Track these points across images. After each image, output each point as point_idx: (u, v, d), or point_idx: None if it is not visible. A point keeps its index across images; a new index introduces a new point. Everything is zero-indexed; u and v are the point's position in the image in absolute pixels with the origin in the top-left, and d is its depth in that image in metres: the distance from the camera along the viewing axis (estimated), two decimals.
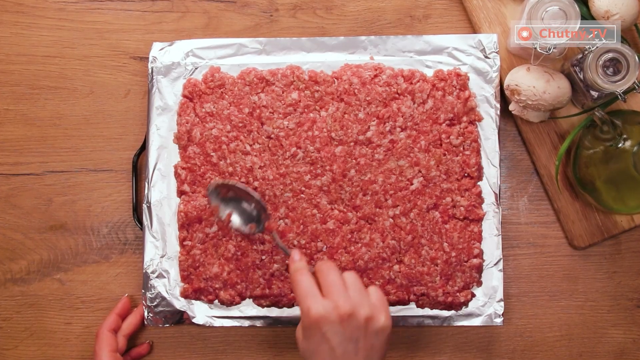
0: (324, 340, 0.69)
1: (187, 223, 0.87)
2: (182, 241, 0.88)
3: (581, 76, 0.83)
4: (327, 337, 0.69)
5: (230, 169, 0.87)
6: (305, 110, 0.88)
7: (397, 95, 0.87)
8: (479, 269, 0.86)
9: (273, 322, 0.88)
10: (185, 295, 0.87)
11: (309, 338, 0.70)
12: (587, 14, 0.85)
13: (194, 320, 0.87)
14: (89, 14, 0.94)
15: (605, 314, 0.90)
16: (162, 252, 0.88)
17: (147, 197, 0.88)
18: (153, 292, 0.87)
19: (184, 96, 0.89)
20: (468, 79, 0.88)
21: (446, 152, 0.87)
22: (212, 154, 0.88)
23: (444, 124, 0.87)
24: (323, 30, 0.93)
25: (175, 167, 0.88)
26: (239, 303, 0.87)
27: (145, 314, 0.87)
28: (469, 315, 0.86)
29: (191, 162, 0.88)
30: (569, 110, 0.89)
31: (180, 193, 0.88)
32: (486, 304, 0.86)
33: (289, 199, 0.87)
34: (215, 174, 0.87)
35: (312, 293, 0.71)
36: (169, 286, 0.88)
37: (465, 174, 0.87)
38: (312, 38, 0.90)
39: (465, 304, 0.86)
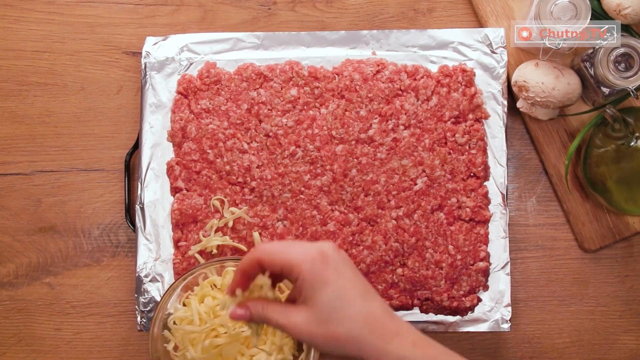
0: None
1: (181, 222, 0.86)
2: (176, 242, 0.86)
3: (592, 72, 0.82)
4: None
5: (228, 167, 0.86)
6: (305, 107, 0.87)
7: (400, 92, 0.87)
8: (486, 273, 0.85)
9: None
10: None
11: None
12: (597, 8, 0.84)
13: None
14: (80, 7, 0.93)
15: (617, 319, 0.89)
16: (155, 255, 0.87)
17: (140, 197, 0.87)
18: (146, 296, 0.86)
19: (179, 92, 0.88)
20: (474, 75, 0.87)
21: (451, 151, 0.86)
22: (208, 150, 0.86)
23: (449, 122, 0.86)
24: (323, 24, 0.92)
25: (169, 162, 0.87)
26: None
27: (138, 319, 0.86)
28: (475, 321, 0.85)
29: (186, 158, 0.86)
30: (579, 107, 0.88)
31: (175, 190, 0.87)
32: (493, 309, 0.85)
33: (288, 199, 0.85)
34: (212, 172, 0.86)
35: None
36: (163, 290, 0.86)
37: (471, 174, 0.86)
38: (311, 32, 0.89)
39: (471, 309, 0.85)
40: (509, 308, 0.84)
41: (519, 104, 0.86)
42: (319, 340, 0.61)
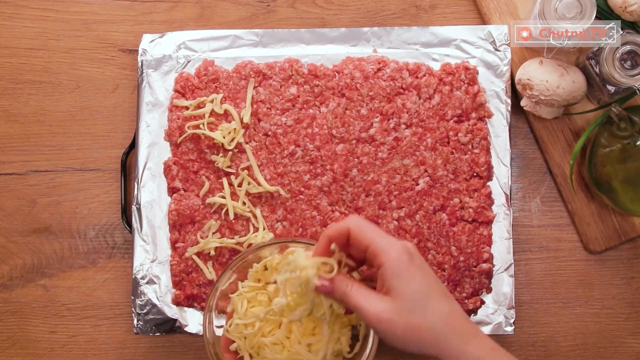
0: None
1: (179, 223, 0.85)
2: (173, 243, 0.85)
3: (597, 70, 0.81)
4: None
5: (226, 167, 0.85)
6: (305, 106, 0.86)
7: (401, 90, 0.86)
8: (489, 275, 0.84)
9: None
10: (177, 302, 0.85)
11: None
12: (603, 5, 0.83)
13: (186, 329, 0.85)
14: (75, 4, 0.92)
15: (623, 322, 0.88)
16: (152, 256, 0.86)
17: (137, 198, 0.86)
18: (143, 298, 0.85)
19: (176, 91, 0.87)
20: (477, 73, 0.86)
21: (454, 151, 0.85)
22: (206, 150, 0.85)
23: (451, 121, 0.85)
24: (323, 21, 0.91)
25: (166, 162, 0.86)
26: None
27: (135, 322, 0.85)
28: (478, 323, 0.84)
29: (184, 157, 0.85)
30: (584, 106, 0.87)
31: (172, 191, 0.86)
32: (496, 312, 0.84)
33: (288, 200, 0.85)
34: (210, 172, 0.85)
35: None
36: (160, 292, 0.85)
37: (474, 174, 0.85)
38: (311, 29, 0.88)
39: (474, 311, 0.84)
40: (513, 310, 0.84)
41: (522, 103, 0.85)
42: (398, 330, 0.61)
